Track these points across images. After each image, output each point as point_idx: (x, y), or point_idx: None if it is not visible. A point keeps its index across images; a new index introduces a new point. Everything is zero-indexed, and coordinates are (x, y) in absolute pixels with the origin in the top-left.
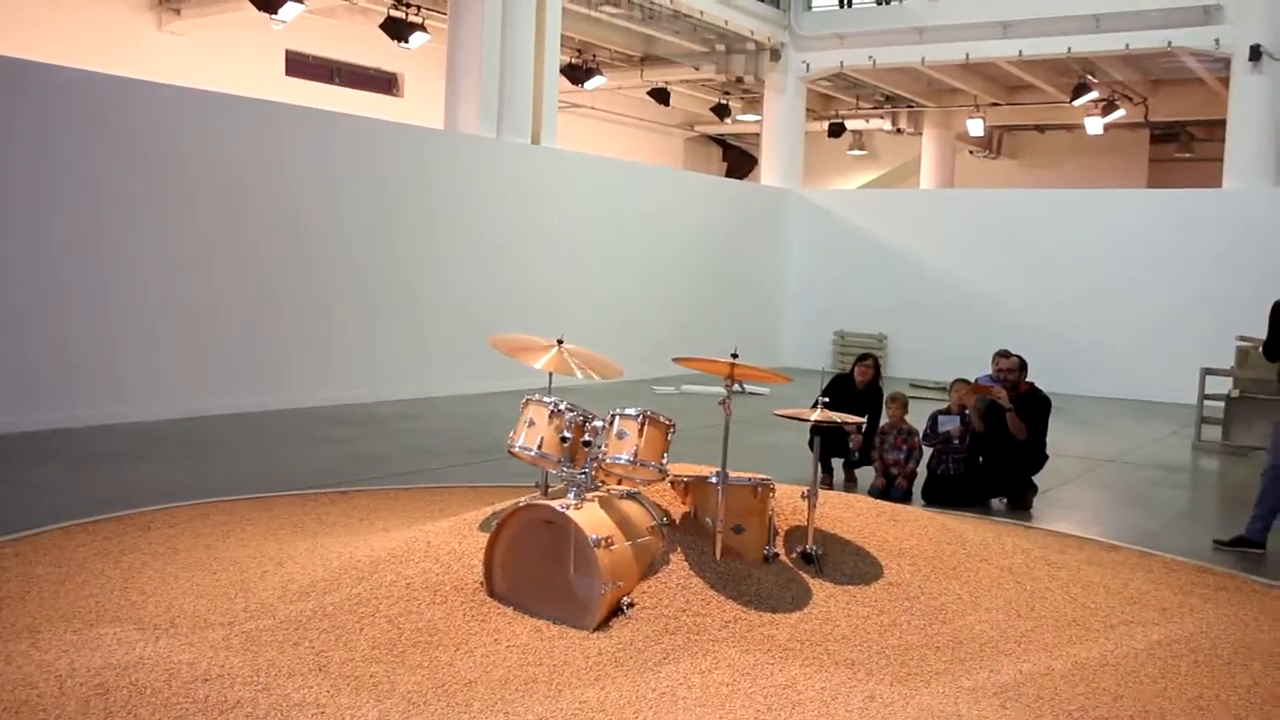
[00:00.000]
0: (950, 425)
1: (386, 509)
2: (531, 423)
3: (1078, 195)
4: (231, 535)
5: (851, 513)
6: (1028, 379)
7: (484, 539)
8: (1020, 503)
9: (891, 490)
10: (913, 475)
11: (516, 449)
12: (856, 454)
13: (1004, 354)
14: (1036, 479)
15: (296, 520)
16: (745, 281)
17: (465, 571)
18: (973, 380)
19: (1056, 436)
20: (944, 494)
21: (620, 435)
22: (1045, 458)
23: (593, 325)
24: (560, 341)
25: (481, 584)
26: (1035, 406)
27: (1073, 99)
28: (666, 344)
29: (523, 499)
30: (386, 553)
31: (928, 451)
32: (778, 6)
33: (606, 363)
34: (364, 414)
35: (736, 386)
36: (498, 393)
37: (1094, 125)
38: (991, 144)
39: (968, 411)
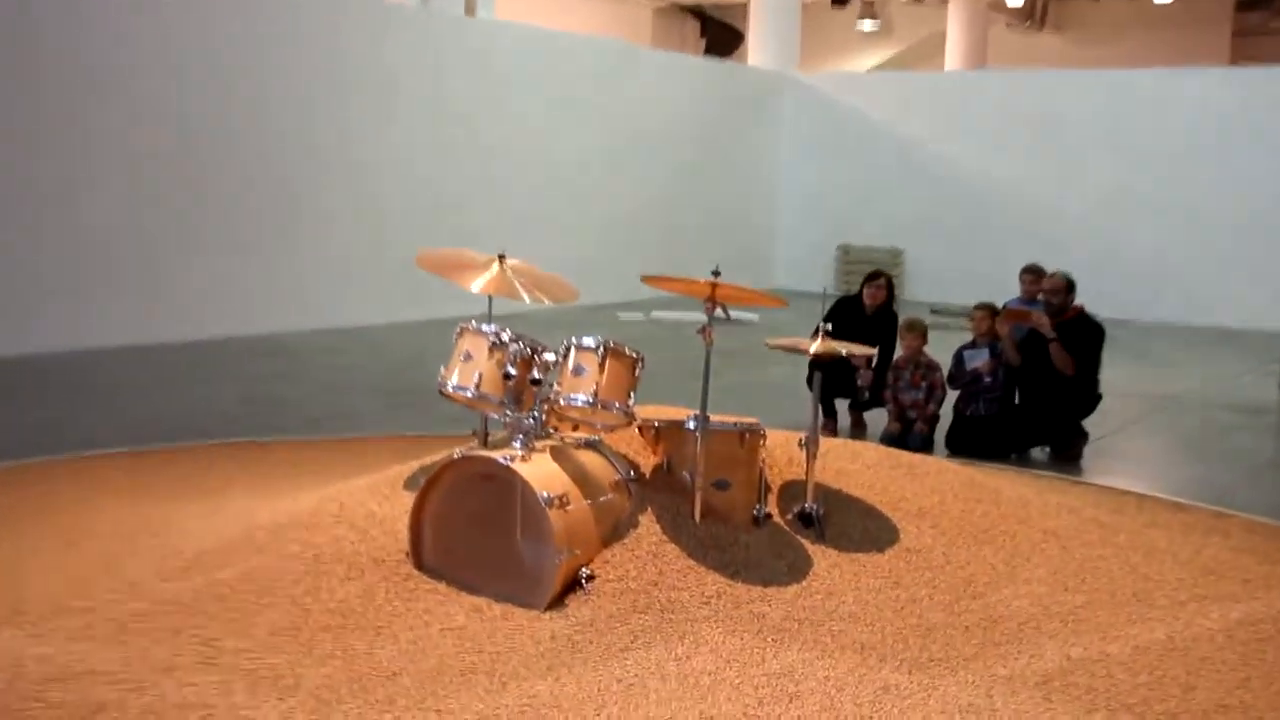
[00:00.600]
0: (978, 360)
1: (293, 464)
2: (467, 356)
3: (1141, 76)
4: (102, 497)
5: (860, 464)
6: (1075, 301)
7: (410, 499)
8: (1067, 452)
9: (908, 437)
10: (934, 418)
11: (449, 389)
12: (866, 393)
13: (1032, 270)
14: (1086, 423)
15: (183, 478)
16: (730, 185)
17: (387, 539)
18: (1000, 306)
19: (1111, 371)
20: (973, 441)
21: (577, 371)
22: (1098, 397)
23: (542, 239)
24: (502, 257)
25: (407, 554)
26: (1085, 335)
27: None
28: (632, 261)
29: (457, 450)
30: (291, 518)
31: (953, 391)
32: None
33: (559, 283)
34: (271, 347)
35: (719, 312)
36: (426, 321)
37: None
38: (1034, 13)
39: (999, 343)
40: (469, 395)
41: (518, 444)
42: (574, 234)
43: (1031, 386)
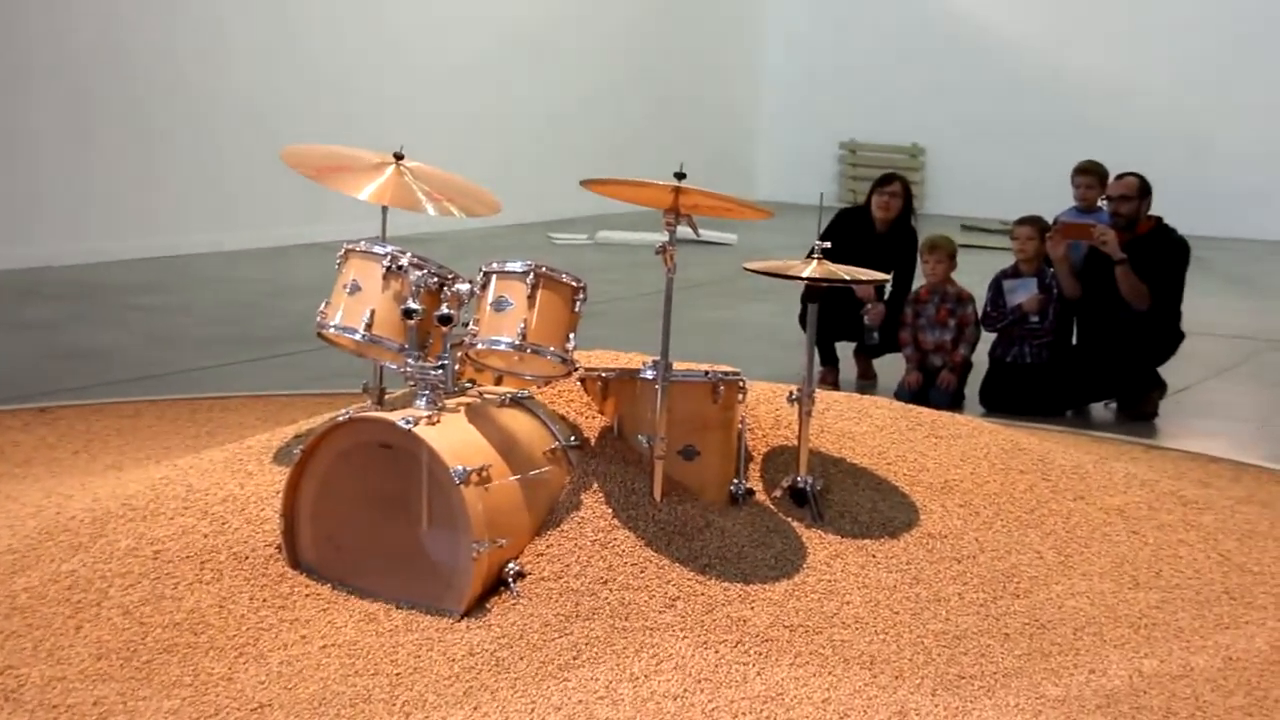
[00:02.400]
0: (1023, 293)
1: (118, 434)
2: (355, 288)
3: None
4: None
5: (869, 425)
6: (1150, 211)
7: (281, 476)
8: (1138, 408)
9: (931, 390)
10: (964, 366)
11: (330, 330)
12: (875, 334)
13: (1090, 170)
14: (1163, 371)
15: None
16: (697, 65)
17: (251, 530)
18: (1052, 221)
19: (1196, 304)
20: (1015, 394)
21: (499, 305)
22: (1179, 337)
23: (452, 136)
24: (399, 157)
25: (278, 549)
26: (1163, 255)
27: None
28: (572, 165)
29: (343, 412)
30: (119, 504)
31: (989, 332)
32: None
33: (474, 192)
34: (78, 283)
35: (684, 228)
36: (296, 246)
37: None
38: None
39: (1050, 269)
40: (357, 339)
41: (422, 402)
42: (493, 133)
43: (1092, 324)
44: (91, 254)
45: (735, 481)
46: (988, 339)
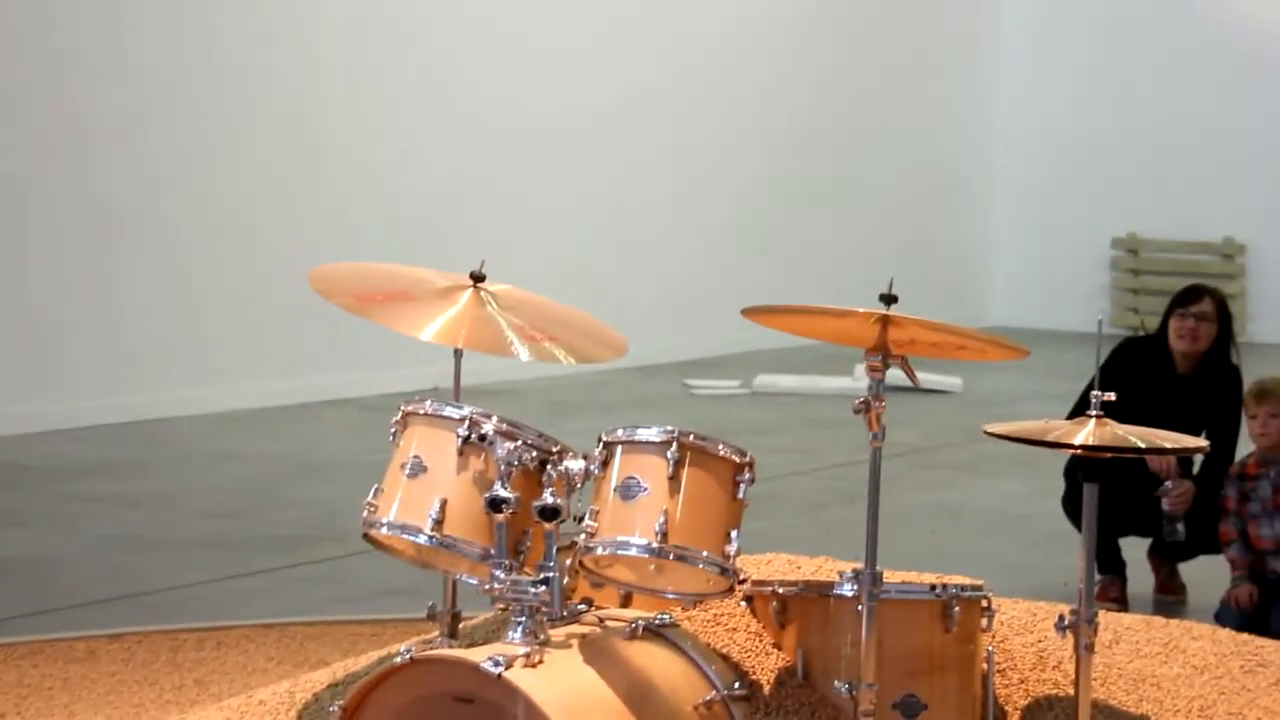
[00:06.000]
0: None
1: (65, 686)
2: (418, 468)
3: None
4: None
5: (1181, 665)
6: None
7: None
8: None
9: (1274, 611)
10: None
11: (383, 531)
12: (1181, 527)
13: None
14: None
15: None
16: (900, 144)
17: None
18: None
19: None
20: None
21: (627, 492)
22: None
23: (554, 253)
24: (478, 279)
25: None
26: None
27: None
28: (721, 290)
29: (401, 649)
30: None
31: None
32: None
33: (586, 325)
34: (14, 462)
35: (895, 372)
36: (321, 404)
37: None
38: None
39: None
40: (421, 542)
41: (518, 634)
42: (612, 244)
43: None
44: (29, 421)
45: None
46: None
